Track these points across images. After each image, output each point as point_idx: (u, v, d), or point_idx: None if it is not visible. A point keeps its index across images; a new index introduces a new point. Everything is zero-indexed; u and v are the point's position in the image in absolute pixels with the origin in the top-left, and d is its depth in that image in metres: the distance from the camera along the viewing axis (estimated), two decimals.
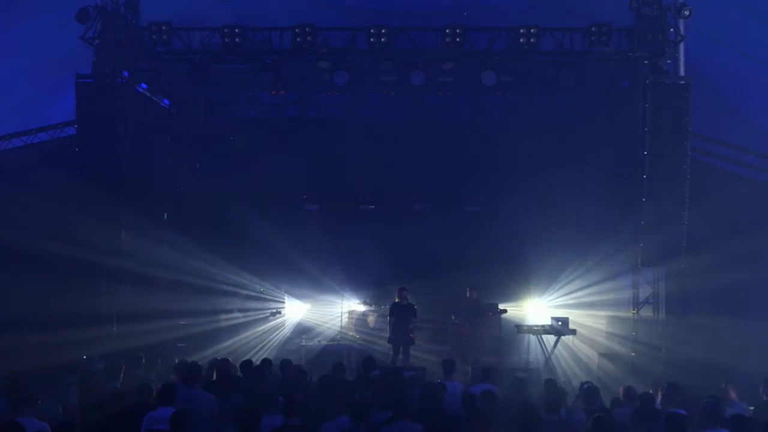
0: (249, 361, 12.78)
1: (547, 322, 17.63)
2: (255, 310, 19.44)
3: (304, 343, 18.63)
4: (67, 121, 18.07)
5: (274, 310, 19.70)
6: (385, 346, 18.07)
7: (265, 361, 13.05)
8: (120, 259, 17.00)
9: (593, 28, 16.38)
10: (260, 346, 18.42)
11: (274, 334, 19.47)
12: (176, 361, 13.04)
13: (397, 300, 17.68)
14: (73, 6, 15.93)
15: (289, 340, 19.14)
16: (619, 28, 16.58)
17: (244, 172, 19.71)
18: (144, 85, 18.14)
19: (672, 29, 16.09)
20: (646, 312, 17.06)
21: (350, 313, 19.91)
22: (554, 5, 17.99)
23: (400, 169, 19.90)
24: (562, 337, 17.25)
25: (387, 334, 18.12)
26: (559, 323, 17.18)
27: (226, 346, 17.05)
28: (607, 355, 17.04)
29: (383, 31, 16.56)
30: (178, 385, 9.46)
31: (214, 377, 11.61)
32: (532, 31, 16.39)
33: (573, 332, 17.28)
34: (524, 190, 19.54)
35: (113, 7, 16.49)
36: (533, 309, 19.21)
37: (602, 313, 18.16)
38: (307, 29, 16.57)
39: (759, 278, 16.81)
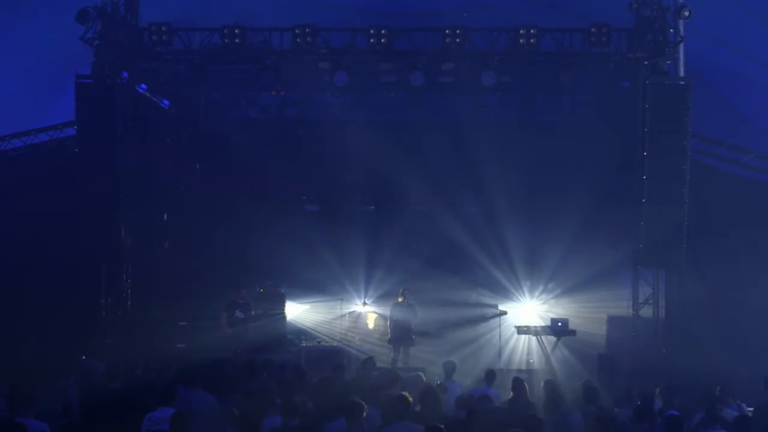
0: (249, 362, 12.77)
1: (547, 322, 17.64)
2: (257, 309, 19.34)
3: (304, 344, 18.61)
4: (67, 121, 18.07)
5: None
6: (385, 347, 18.07)
7: (266, 362, 13.04)
8: (120, 259, 17.01)
9: (593, 29, 16.39)
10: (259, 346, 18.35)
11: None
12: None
13: (398, 300, 17.72)
14: (73, 6, 15.94)
15: (289, 341, 19.11)
16: (618, 29, 16.59)
17: (244, 172, 19.69)
18: (144, 86, 18.15)
19: (672, 30, 16.11)
20: (646, 312, 17.06)
21: (350, 313, 19.89)
22: (554, 6, 17.98)
23: (400, 170, 19.85)
24: (562, 338, 17.25)
25: (387, 335, 18.15)
26: (559, 324, 17.17)
27: (225, 347, 16.99)
28: (606, 355, 17.03)
29: (383, 31, 16.57)
30: (178, 385, 9.44)
31: (214, 377, 11.59)
32: (531, 31, 16.41)
33: (573, 333, 17.28)
34: (524, 191, 19.52)
35: (113, 7, 16.52)
36: (533, 310, 19.19)
37: (602, 313, 18.15)
38: (307, 30, 16.57)
39: (759, 278, 16.82)
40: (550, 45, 16.88)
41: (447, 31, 16.58)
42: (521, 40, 16.48)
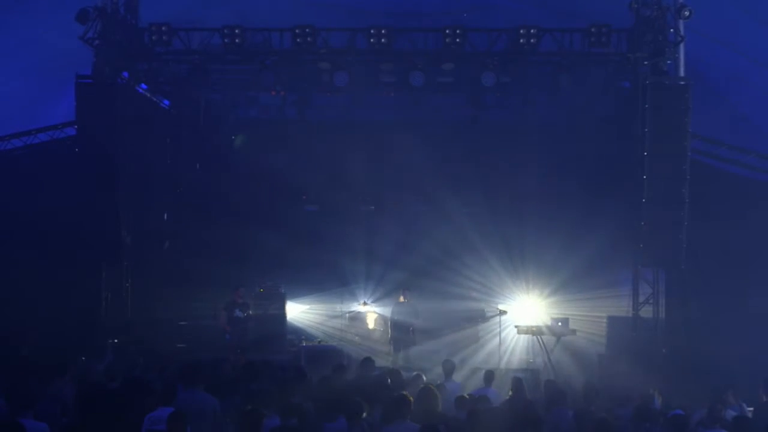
0: (249, 362, 12.77)
1: (548, 322, 17.65)
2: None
3: (304, 344, 18.63)
4: (67, 121, 18.07)
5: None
6: (385, 347, 18.08)
7: (266, 362, 13.04)
8: (120, 259, 17.01)
9: (593, 29, 16.38)
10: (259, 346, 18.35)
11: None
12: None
13: (399, 300, 17.77)
14: (73, 7, 15.92)
15: (289, 341, 19.13)
16: (618, 29, 16.58)
17: (244, 172, 19.69)
18: (144, 86, 18.16)
19: (672, 30, 16.08)
20: (646, 312, 17.06)
21: (350, 313, 19.90)
22: (554, 6, 17.98)
23: (400, 170, 19.88)
24: (562, 337, 17.27)
25: (387, 335, 18.16)
26: (559, 323, 17.20)
27: (225, 347, 17.03)
28: (606, 355, 17.05)
29: (383, 31, 16.57)
30: (178, 385, 9.45)
31: (214, 377, 11.59)
32: (531, 31, 16.40)
33: (573, 332, 17.29)
34: (523, 191, 19.54)
35: (113, 7, 16.50)
36: (534, 309, 19.19)
37: (602, 313, 18.15)
38: (306, 30, 16.57)
39: (759, 278, 16.82)
40: (550, 45, 16.87)
41: (447, 31, 16.57)
42: (521, 40, 16.47)
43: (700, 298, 17.04)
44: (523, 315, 18.93)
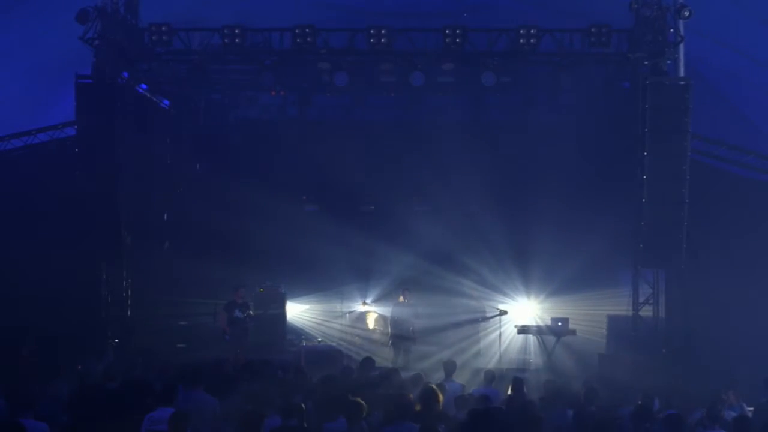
0: (249, 362, 12.77)
1: (547, 322, 17.66)
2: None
3: (304, 344, 18.65)
4: (67, 121, 18.07)
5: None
6: (385, 347, 18.09)
7: (265, 362, 13.03)
8: (120, 259, 17.02)
9: (593, 29, 16.38)
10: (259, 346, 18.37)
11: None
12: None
13: (399, 300, 17.77)
14: (73, 7, 15.92)
15: (289, 341, 19.14)
16: (618, 29, 16.58)
17: (244, 172, 19.71)
18: (144, 86, 18.16)
19: (672, 30, 16.08)
20: (646, 312, 17.07)
21: (350, 313, 19.91)
22: (554, 6, 17.97)
23: (400, 170, 19.88)
24: (562, 337, 17.28)
25: (387, 335, 18.16)
26: (559, 323, 17.21)
27: (225, 347, 17.03)
28: (606, 355, 17.06)
29: (383, 31, 16.57)
30: (178, 386, 9.45)
31: (214, 378, 11.58)
32: (531, 31, 16.40)
33: (573, 332, 17.30)
34: (524, 191, 19.53)
35: (113, 7, 16.47)
36: (533, 309, 19.21)
37: (602, 313, 18.16)
38: (306, 30, 16.57)
39: (759, 278, 16.83)
40: (550, 45, 16.86)
41: (447, 31, 16.57)
42: (521, 40, 16.46)
43: (700, 298, 17.04)
44: (523, 315, 18.95)
